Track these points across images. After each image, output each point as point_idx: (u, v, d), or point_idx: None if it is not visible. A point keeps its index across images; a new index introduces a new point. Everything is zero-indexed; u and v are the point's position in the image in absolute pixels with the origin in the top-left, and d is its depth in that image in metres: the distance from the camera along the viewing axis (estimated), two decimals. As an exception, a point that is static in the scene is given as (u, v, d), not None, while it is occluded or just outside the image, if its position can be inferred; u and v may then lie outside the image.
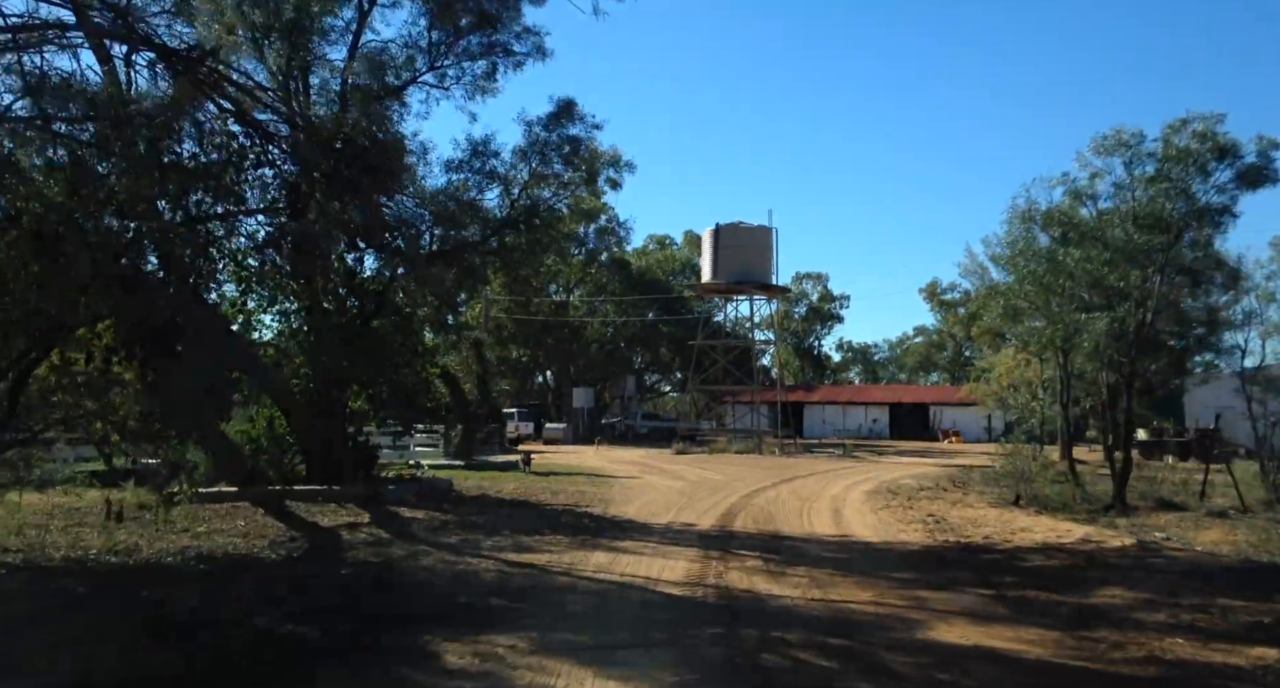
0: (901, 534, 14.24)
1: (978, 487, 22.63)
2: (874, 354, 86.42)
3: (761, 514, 17.12)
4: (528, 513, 16.75)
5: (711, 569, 11.21)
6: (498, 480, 23.39)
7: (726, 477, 26.49)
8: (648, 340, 60.30)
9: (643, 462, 33.90)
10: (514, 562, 11.51)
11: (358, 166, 10.24)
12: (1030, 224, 18.38)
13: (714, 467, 31.09)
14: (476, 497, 19.06)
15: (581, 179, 17.14)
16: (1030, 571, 10.96)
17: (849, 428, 68.30)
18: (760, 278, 40.34)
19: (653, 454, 39.62)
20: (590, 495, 20.25)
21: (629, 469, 29.58)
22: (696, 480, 25.11)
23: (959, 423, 65.89)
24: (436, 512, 16.06)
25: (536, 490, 20.83)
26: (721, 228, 40.34)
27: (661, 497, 20.24)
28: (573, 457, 37.59)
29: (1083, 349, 16.85)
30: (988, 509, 16.74)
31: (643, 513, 17.13)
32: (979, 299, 73.93)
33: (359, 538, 12.98)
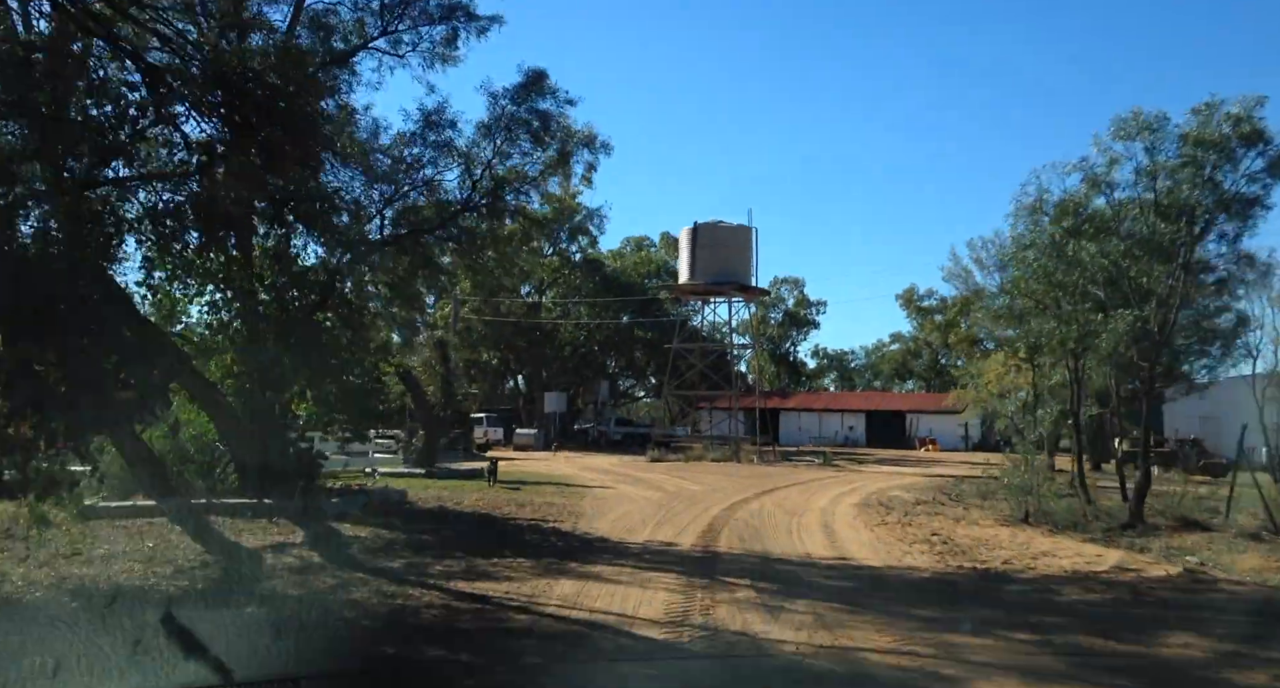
0: (907, 557, 12.55)
1: (973, 500, 21.07)
2: (850, 361, 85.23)
3: (747, 531, 15.40)
4: (488, 530, 14.90)
5: (697, 603, 9.45)
6: (459, 491, 21.48)
7: (705, 487, 24.76)
8: (622, 344, 58.49)
9: (616, 470, 32.10)
10: (465, 593, 9.68)
11: (271, 118, 8.42)
12: (1038, 216, 16.82)
13: (691, 476, 29.36)
14: (433, 510, 17.16)
15: (553, 160, 15.36)
16: (1070, 608, 9.30)
17: (825, 435, 66.90)
18: (739, 279, 38.72)
19: (626, 462, 37.83)
20: (559, 508, 18.43)
21: (602, 478, 27.78)
22: (674, 491, 23.36)
23: (935, 431, 64.69)
24: (383, 529, 14.16)
25: (501, 503, 18.98)
26: (700, 227, 38.69)
27: (637, 510, 18.47)
28: (543, 464, 35.71)
29: (1099, 352, 15.30)
30: (996, 528, 15.12)
31: (617, 529, 15.34)
32: (957, 304, 73.24)
33: (284, 562, 11.07)
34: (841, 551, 13.36)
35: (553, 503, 19.47)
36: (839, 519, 17.24)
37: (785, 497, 22.02)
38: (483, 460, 37.41)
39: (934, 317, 74.68)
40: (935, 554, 12.68)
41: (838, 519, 17.26)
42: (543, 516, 17.09)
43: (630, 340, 57.68)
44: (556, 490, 22.73)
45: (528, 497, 20.59)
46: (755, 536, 14.85)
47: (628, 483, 25.92)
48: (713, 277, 38.17)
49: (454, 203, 14.96)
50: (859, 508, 19.28)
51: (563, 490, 22.79)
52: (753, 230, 39.31)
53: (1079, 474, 16.72)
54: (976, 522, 15.79)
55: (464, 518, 16.23)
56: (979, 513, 17.39)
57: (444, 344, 26.68)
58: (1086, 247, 15.35)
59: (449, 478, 25.26)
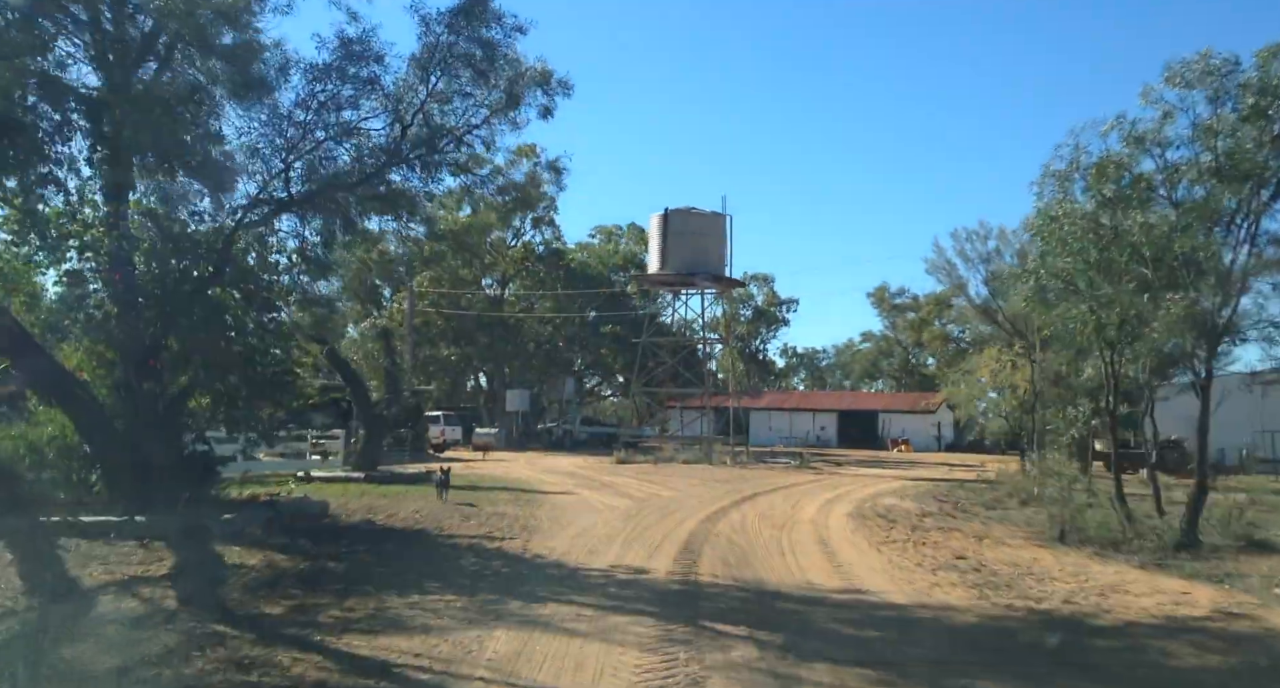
0: (936, 590, 9.97)
1: (977, 509, 18.62)
2: (820, 360, 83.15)
3: (732, 551, 12.75)
4: (419, 552, 12.09)
5: (680, 671, 6.77)
6: (399, 499, 18.61)
7: (677, 493, 22.10)
8: (588, 340, 55.71)
9: (580, 473, 29.35)
10: (359, 657, 6.92)
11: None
12: (1069, 185, 14.35)
13: (661, 480, 26.70)
14: (357, 526, 14.31)
15: (500, 102, 12.59)
16: (1198, 682, 6.73)
17: (796, 436, 64.64)
18: (713, 269, 36.12)
19: (591, 463, 35.08)
20: (511, 521, 15.66)
21: (563, 482, 25.02)
22: (643, 498, 20.68)
23: (908, 431, 62.74)
24: (284, 553, 11.31)
25: (443, 514, 16.16)
26: (671, 213, 36.03)
27: (601, 522, 15.75)
28: (501, 466, 32.83)
29: (1147, 341, 12.87)
30: (1031, 548, 12.60)
31: (576, 549, 12.62)
32: (931, 302, 71.40)
33: (126, 607, 8.22)
34: (850, 579, 10.75)
35: (504, 514, 16.69)
36: (836, 534, 14.65)
37: (768, 505, 19.43)
38: (437, 462, 34.51)
39: (906, 315, 72.81)
40: (970, 586, 10.10)
41: (834, 534, 14.67)
42: (489, 531, 14.31)
43: (597, 336, 54.94)
44: (511, 498, 19.94)
45: (477, 506, 17.79)
46: (742, 558, 12.21)
47: (592, 488, 23.19)
48: (685, 266, 35.53)
49: (380, 150, 12.13)
50: (855, 520, 16.72)
51: (518, 498, 20.01)
52: (726, 218, 36.80)
53: (1116, 484, 14.25)
54: (1004, 541, 13.25)
55: (393, 536, 13.39)
56: (1000, 529, 14.87)
57: (388, 334, 23.73)
58: (1133, 216, 12.90)
59: (391, 483, 22.33)
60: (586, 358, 58.82)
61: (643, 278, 39.94)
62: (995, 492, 21.14)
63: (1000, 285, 35.61)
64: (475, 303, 52.61)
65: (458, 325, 51.99)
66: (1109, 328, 13.33)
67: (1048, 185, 14.74)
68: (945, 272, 36.75)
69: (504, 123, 12.62)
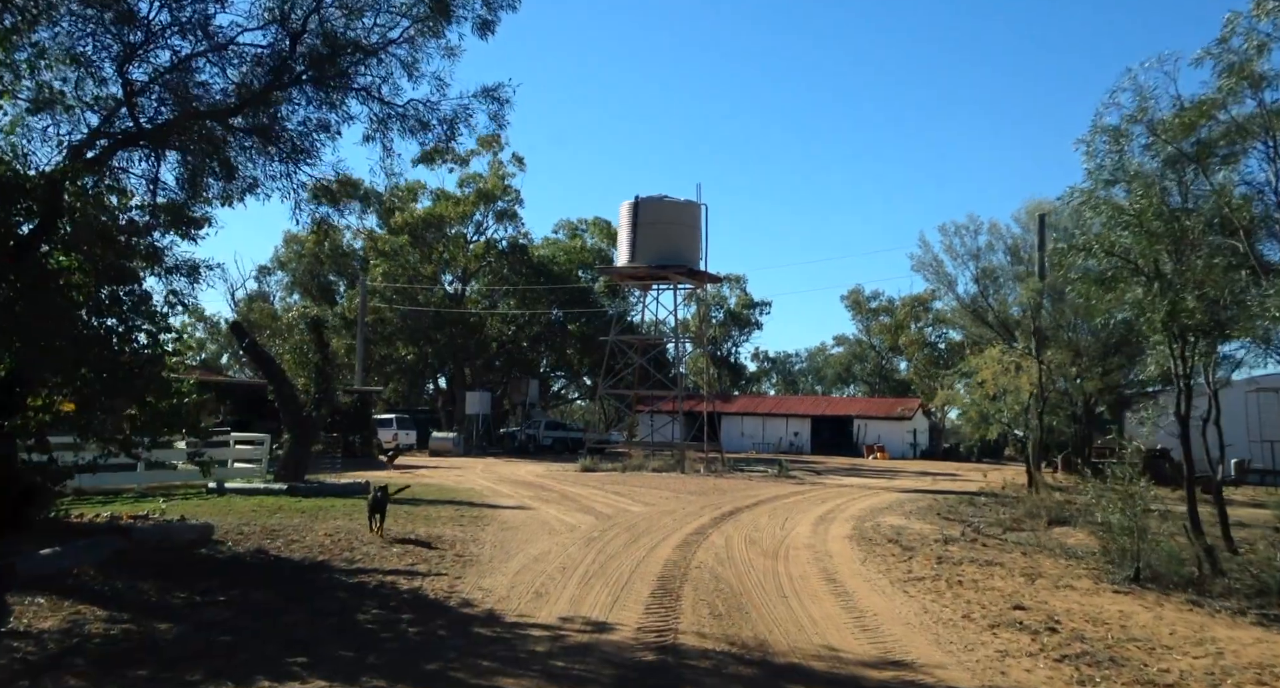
0: (1009, 664, 7.14)
1: (996, 529, 15.88)
2: (793, 364, 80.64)
3: (720, 592, 9.86)
4: (303, 600, 9.01)
5: None
6: (316, 518, 15.48)
7: (649, 508, 19.17)
8: (554, 340, 52.60)
9: (540, 482, 26.30)
10: None
11: None
12: (1125, 141, 11.64)
13: (630, 491, 23.75)
14: (241, 557, 11.18)
15: (424, 12, 9.61)
16: None
17: (769, 441, 62.04)
18: (686, 261, 33.19)
19: (554, 471, 32.03)
20: (446, 548, 12.64)
21: (520, 495, 21.97)
22: (609, 514, 17.72)
23: (884, 438, 60.36)
24: (108, 605, 8.18)
25: (360, 539, 13.07)
26: (642, 201, 33.08)
27: (557, 549, 12.77)
28: (455, 475, 29.68)
29: (1253, 331, 10.22)
30: (1107, 595, 9.76)
31: (519, 591, 9.65)
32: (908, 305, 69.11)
33: None
34: (883, 641, 7.89)
35: (440, 537, 13.65)
36: (844, 567, 11.80)
37: (753, 524, 16.55)
38: (386, 470, 31.26)
39: (881, 318, 70.56)
40: (1055, 659, 7.27)
41: (842, 566, 11.82)
42: (414, 562, 11.27)
43: (563, 335, 51.86)
44: (454, 515, 16.89)
45: (411, 526, 14.72)
46: (735, 603, 9.31)
47: (551, 502, 20.17)
48: (657, 258, 32.58)
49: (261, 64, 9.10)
50: (859, 544, 13.89)
51: (462, 515, 16.95)
52: (702, 208, 33.88)
53: (1190, 508, 11.50)
54: (1064, 582, 10.43)
55: (281, 573, 10.28)
56: (1047, 562, 12.05)
57: (319, 324, 20.55)
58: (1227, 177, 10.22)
59: (317, 496, 19.15)
60: (552, 359, 55.71)
61: (610, 271, 36.89)
62: (1011, 510, 18.44)
63: (991, 283, 33.26)
64: (433, 300, 49.31)
65: (414, 323, 48.67)
66: (1192, 313, 10.58)
67: (1099, 142, 12.01)
68: (932, 268, 34.42)
69: (431, 41, 9.61)
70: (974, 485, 31.21)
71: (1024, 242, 31.31)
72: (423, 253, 48.51)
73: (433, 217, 47.53)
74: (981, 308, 32.53)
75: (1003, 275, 31.93)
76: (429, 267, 49.45)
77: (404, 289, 48.19)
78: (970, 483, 32.82)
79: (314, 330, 20.85)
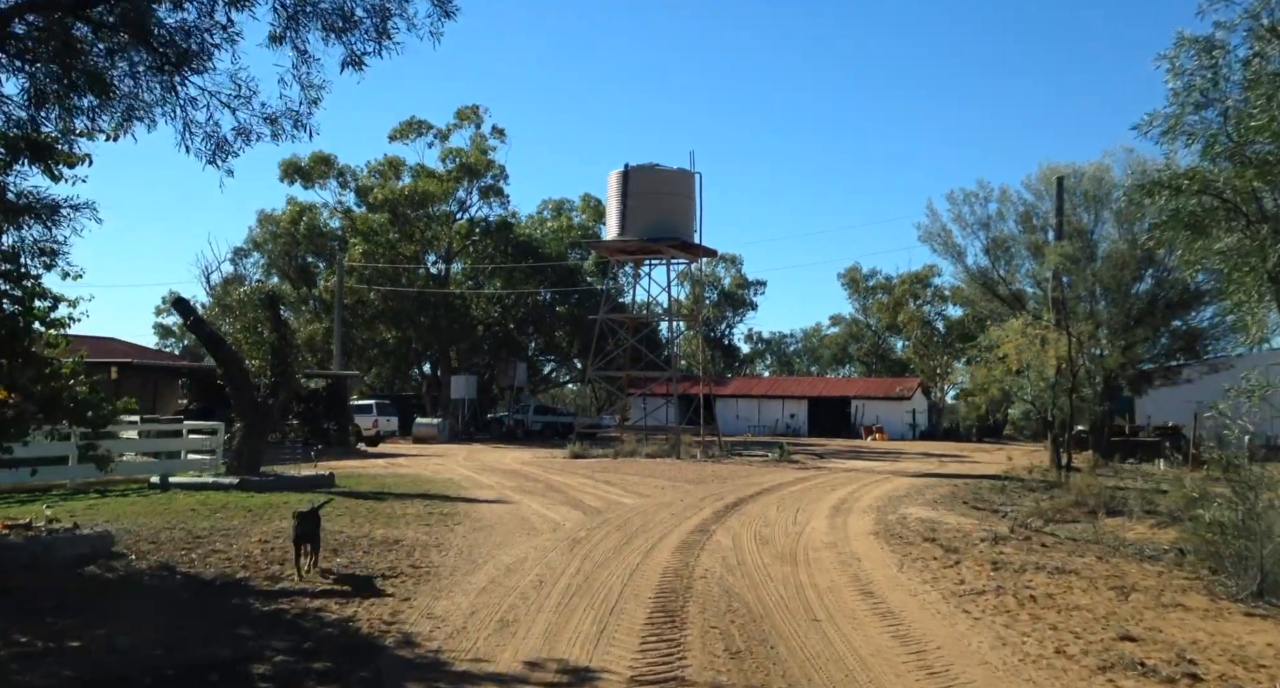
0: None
1: (1035, 519, 13.80)
2: (788, 344, 78.51)
3: (734, 614, 7.77)
4: (181, 651, 6.84)
5: None
6: (258, 519, 13.31)
7: (642, 500, 17.07)
8: (541, 322, 50.30)
9: (525, 470, 24.19)
10: None
11: None
12: (1220, 53, 9.46)
13: (622, 479, 21.66)
14: (137, 575, 8.99)
15: None
16: None
17: (765, 424, 60.13)
18: (680, 234, 30.89)
19: (542, 458, 29.93)
20: (402, 554, 10.51)
21: (501, 485, 19.86)
22: (598, 508, 15.61)
23: (882, 419, 58.43)
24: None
25: (302, 545, 10.90)
26: (633, 170, 30.74)
27: (535, 556, 10.64)
28: (435, 463, 27.55)
29: None
30: (1237, 618, 7.64)
31: (479, 619, 7.52)
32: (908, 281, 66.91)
33: None
34: (963, 690, 5.78)
35: (399, 540, 11.52)
36: (879, 574, 9.70)
37: (762, 518, 14.47)
38: (365, 458, 29.08)
39: (879, 296, 68.44)
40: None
41: (877, 574, 9.73)
42: (355, 575, 9.12)
43: (552, 316, 49.58)
44: (423, 511, 14.76)
45: (366, 528, 12.59)
46: (756, 633, 7.20)
47: (535, 494, 18.06)
48: (649, 231, 30.29)
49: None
50: (889, 543, 11.81)
51: (433, 511, 14.82)
52: (696, 176, 31.57)
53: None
54: (1168, 598, 8.30)
55: (177, 600, 8.09)
56: (1131, 567, 9.93)
57: (274, 300, 18.29)
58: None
59: (271, 491, 16.97)
60: (540, 341, 53.46)
61: (599, 245, 34.52)
62: (1047, 497, 16.38)
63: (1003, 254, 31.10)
64: (416, 280, 46.93)
65: (396, 305, 46.34)
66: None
67: (1185, 55, 9.81)
68: (940, 239, 32.19)
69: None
70: (987, 467, 29.27)
71: (1037, 209, 29.21)
72: (403, 232, 46.10)
73: (414, 193, 45.08)
74: (993, 280, 30.40)
75: (1015, 245, 29.79)
76: (411, 246, 47.07)
77: (385, 270, 45.83)
78: (980, 465, 30.88)
79: (269, 307, 18.57)
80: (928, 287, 60.80)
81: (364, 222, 46.12)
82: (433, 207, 47.10)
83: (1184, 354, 29.43)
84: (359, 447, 34.21)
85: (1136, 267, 25.60)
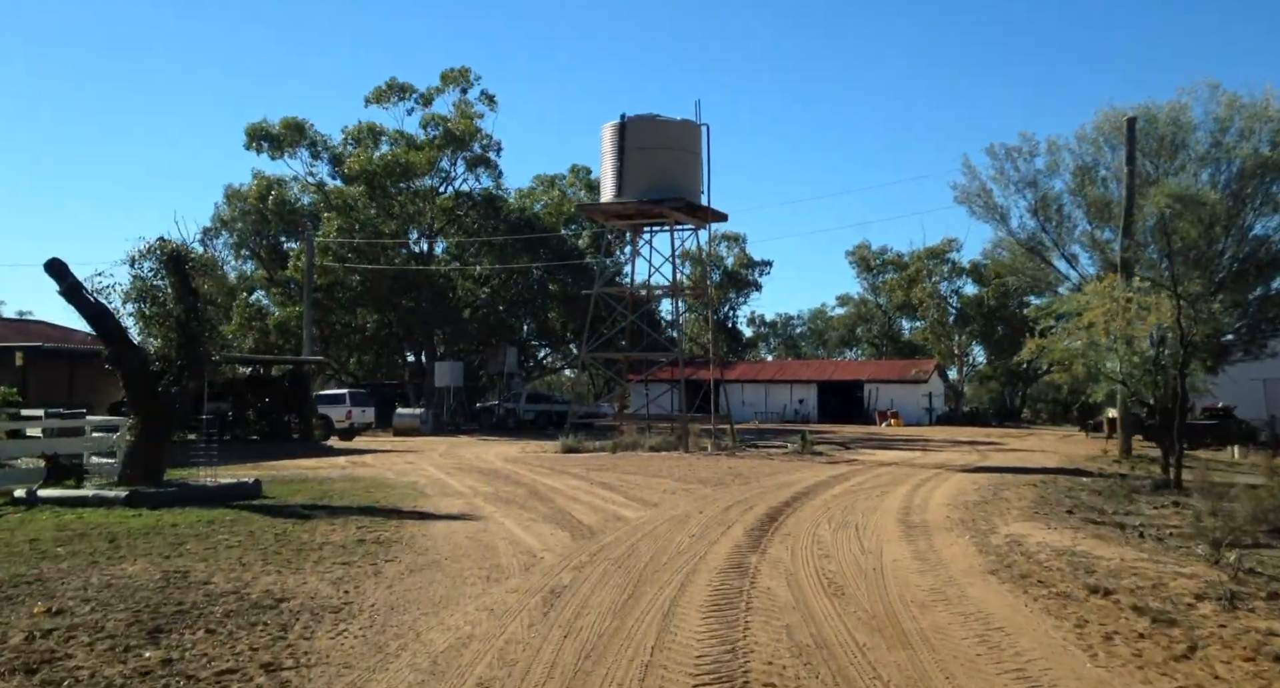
0: None
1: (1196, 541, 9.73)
2: (794, 326, 74.26)
3: None
4: None
5: None
6: (112, 557, 9.28)
7: (651, 512, 12.97)
8: (533, 303, 46.09)
9: (508, 470, 20.09)
10: None
11: None
12: None
13: (623, 480, 17.56)
14: None
15: None
16: None
17: (772, 410, 56.03)
18: (685, 195, 26.62)
19: (531, 453, 25.86)
20: (269, 636, 6.44)
21: (474, 490, 15.80)
22: (592, 526, 11.53)
23: (897, 403, 54.34)
24: None
25: (147, 600, 6.80)
26: (630, 122, 26.41)
27: (486, 630, 6.56)
28: (407, 459, 23.51)
29: None
30: None
31: None
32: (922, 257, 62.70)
33: None
34: None
35: (284, 600, 7.46)
36: (1063, 670, 5.59)
37: (815, 541, 10.40)
38: (325, 456, 25.00)
39: (890, 275, 64.24)
40: None
41: (1060, 672, 5.62)
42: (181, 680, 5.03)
43: (545, 297, 45.36)
44: (356, 534, 10.71)
45: (258, 566, 8.56)
46: None
47: (513, 505, 13.99)
48: (648, 192, 26.00)
49: None
50: (1034, 596, 7.73)
51: (369, 535, 10.73)
52: (703, 129, 27.29)
53: None
54: None
55: None
56: None
57: (179, 261, 14.10)
58: None
59: (169, 506, 12.86)
60: (533, 324, 49.25)
61: (592, 209, 30.15)
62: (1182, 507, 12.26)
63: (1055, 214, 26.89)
64: (396, 259, 42.66)
65: (375, 287, 42.13)
66: None
67: None
68: (980, 200, 27.94)
69: None
70: (1038, 457, 25.27)
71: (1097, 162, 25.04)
72: (382, 206, 41.83)
73: (394, 163, 40.79)
74: (1041, 245, 26.22)
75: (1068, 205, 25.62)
76: (390, 222, 42.80)
77: (363, 249, 41.57)
78: (1028, 454, 26.90)
79: (174, 271, 14.40)
80: (945, 262, 56.63)
81: (339, 196, 41.84)
82: (415, 180, 42.78)
83: (1272, 324, 25.36)
84: (327, 442, 30.13)
85: (1228, 220, 21.55)
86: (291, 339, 42.84)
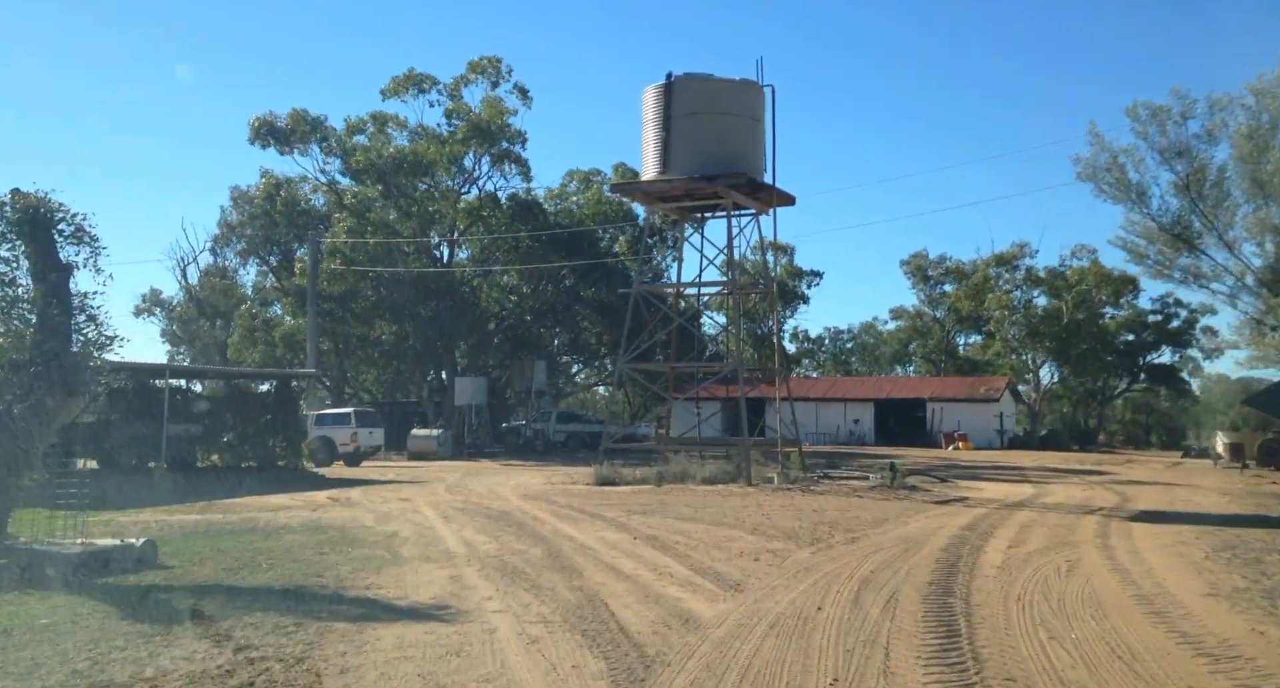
0: None
1: None
2: (842, 342, 68.65)
3: None
4: None
5: None
6: None
7: (732, 604, 7.83)
8: (564, 312, 41.29)
9: (525, 513, 15.05)
10: None
11: None
12: None
13: (676, 530, 12.42)
14: None
15: None
16: None
17: (823, 431, 50.42)
18: (746, 170, 21.50)
19: (558, 484, 20.89)
20: None
21: (470, 552, 10.78)
22: (644, 647, 6.44)
23: (964, 424, 48.51)
24: None
25: None
26: (678, 82, 21.31)
27: None
28: (404, 495, 18.66)
29: None
30: None
31: None
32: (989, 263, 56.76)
33: None
34: None
35: None
36: None
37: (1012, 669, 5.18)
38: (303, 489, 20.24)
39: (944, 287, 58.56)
40: None
41: None
42: None
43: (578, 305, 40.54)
44: (235, 666, 5.68)
45: None
46: None
47: (520, 580, 9.02)
48: (700, 167, 20.93)
49: None
50: None
51: (264, 658, 5.72)
52: (767, 91, 22.21)
53: None
54: None
55: None
56: None
57: (42, 218, 9.29)
58: None
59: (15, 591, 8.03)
60: (565, 337, 44.41)
61: (631, 187, 24.96)
62: None
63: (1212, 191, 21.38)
64: (412, 263, 38.14)
65: (391, 296, 37.66)
66: None
67: None
68: (1111, 174, 22.53)
69: None
70: (1185, 493, 19.84)
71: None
72: (399, 207, 37.41)
73: (414, 157, 36.37)
74: (1190, 230, 20.73)
75: (1232, 178, 20.10)
76: (408, 223, 38.36)
77: (377, 253, 37.10)
78: (1166, 488, 21.44)
79: (32, 238, 9.70)
80: (1015, 270, 50.87)
81: (352, 195, 37.50)
82: (435, 177, 38.29)
83: None
84: (321, 469, 25.43)
85: None
86: (300, 352, 38.48)
